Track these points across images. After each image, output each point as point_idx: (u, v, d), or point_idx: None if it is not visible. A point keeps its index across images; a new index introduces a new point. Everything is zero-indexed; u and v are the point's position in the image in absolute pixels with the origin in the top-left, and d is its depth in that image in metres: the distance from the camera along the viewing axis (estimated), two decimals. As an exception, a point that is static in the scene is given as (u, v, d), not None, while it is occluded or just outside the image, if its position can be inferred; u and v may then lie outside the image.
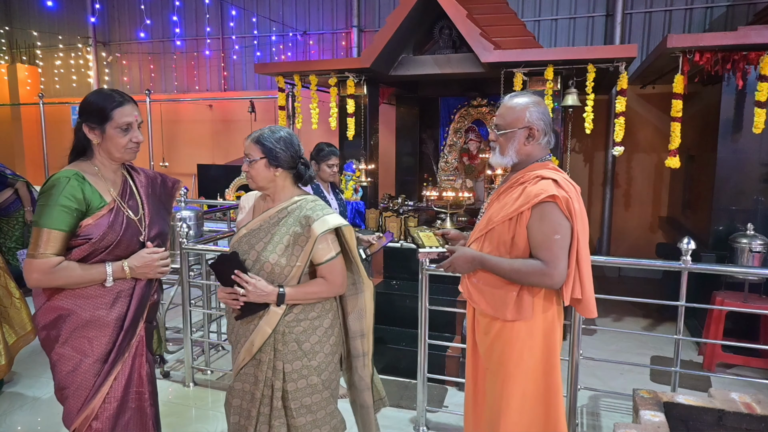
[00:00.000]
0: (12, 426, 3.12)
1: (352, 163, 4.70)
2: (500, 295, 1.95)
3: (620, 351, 4.29)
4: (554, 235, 1.83)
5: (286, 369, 1.94)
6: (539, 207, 1.84)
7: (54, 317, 1.85)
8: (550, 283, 1.86)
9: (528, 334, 1.93)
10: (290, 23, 8.08)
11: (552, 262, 1.83)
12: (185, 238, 3.50)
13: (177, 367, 3.92)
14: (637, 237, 6.81)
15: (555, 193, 1.82)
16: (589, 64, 4.08)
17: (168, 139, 8.52)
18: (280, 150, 1.92)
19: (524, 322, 1.93)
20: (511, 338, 1.95)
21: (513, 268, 1.88)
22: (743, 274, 3.80)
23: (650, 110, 6.54)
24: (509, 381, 1.94)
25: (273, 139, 1.93)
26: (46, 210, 1.76)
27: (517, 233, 1.89)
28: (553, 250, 1.83)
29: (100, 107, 1.87)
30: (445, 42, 4.63)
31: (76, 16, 9.15)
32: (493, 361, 2.02)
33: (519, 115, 1.95)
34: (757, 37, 3.70)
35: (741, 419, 1.98)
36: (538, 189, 1.85)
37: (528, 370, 1.94)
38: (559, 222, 1.83)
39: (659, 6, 6.45)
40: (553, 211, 1.83)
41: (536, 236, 1.85)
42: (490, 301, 1.98)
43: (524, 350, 1.93)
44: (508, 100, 2.01)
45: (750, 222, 4.04)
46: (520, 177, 1.96)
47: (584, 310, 1.96)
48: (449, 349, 3.63)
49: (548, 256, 1.83)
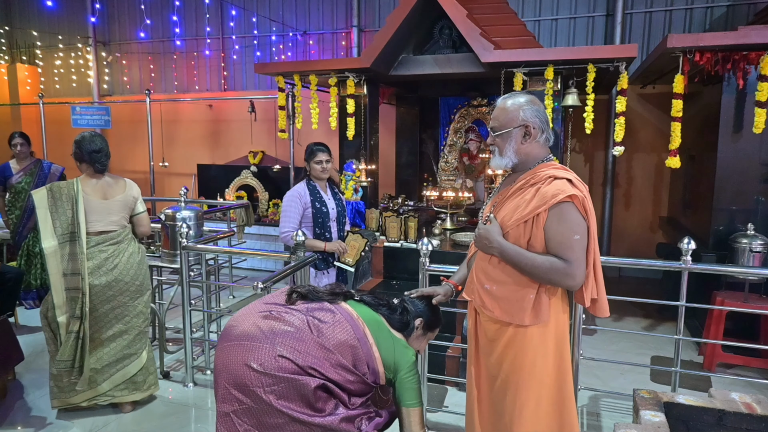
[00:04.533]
0: (12, 426, 3.11)
1: (352, 163, 4.70)
2: (517, 299, 1.90)
3: (620, 351, 4.29)
4: (574, 235, 1.81)
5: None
6: (557, 207, 1.81)
7: None
8: (572, 283, 1.83)
9: (541, 339, 1.90)
10: (290, 23, 8.08)
11: (575, 262, 1.81)
12: (185, 238, 3.50)
13: (177, 367, 3.92)
14: (637, 237, 6.81)
15: (574, 193, 1.81)
16: (589, 64, 4.08)
17: (168, 139, 8.52)
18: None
19: (537, 327, 1.89)
20: (524, 344, 1.91)
21: (534, 263, 1.84)
22: (743, 274, 3.79)
23: (650, 110, 6.54)
24: (522, 389, 1.91)
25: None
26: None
27: (534, 235, 1.86)
28: (575, 250, 1.81)
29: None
30: (445, 42, 4.63)
31: (76, 16, 9.15)
32: (503, 369, 1.96)
33: (513, 114, 1.93)
34: (757, 37, 3.69)
35: (741, 419, 1.98)
36: (554, 189, 1.82)
37: (543, 377, 1.90)
38: (578, 222, 1.82)
39: (659, 6, 6.45)
40: (572, 211, 1.81)
41: (556, 237, 1.82)
42: (506, 307, 1.93)
43: (537, 356, 1.90)
44: (501, 102, 1.99)
45: (750, 222, 4.04)
46: (530, 178, 1.92)
47: (600, 309, 1.94)
48: (449, 349, 3.63)
49: (571, 255, 1.81)
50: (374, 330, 1.90)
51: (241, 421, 1.75)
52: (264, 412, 1.72)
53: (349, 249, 3.42)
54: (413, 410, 1.88)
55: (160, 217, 3.93)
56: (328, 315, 1.86)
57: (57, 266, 2.99)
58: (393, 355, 1.88)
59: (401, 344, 1.94)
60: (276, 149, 7.90)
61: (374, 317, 1.95)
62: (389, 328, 1.96)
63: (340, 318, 1.86)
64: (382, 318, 1.97)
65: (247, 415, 1.75)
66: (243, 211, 5.79)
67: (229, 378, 1.76)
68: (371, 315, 1.95)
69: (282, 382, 1.70)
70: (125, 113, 8.74)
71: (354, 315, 1.90)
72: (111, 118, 7.79)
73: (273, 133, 7.77)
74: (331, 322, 1.84)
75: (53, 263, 2.98)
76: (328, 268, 3.43)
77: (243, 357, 1.74)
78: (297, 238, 3.13)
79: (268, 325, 1.80)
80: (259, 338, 1.75)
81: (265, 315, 1.85)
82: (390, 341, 1.91)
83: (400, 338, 1.97)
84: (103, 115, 7.74)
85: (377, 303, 2.02)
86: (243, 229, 5.89)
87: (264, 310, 1.87)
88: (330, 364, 1.76)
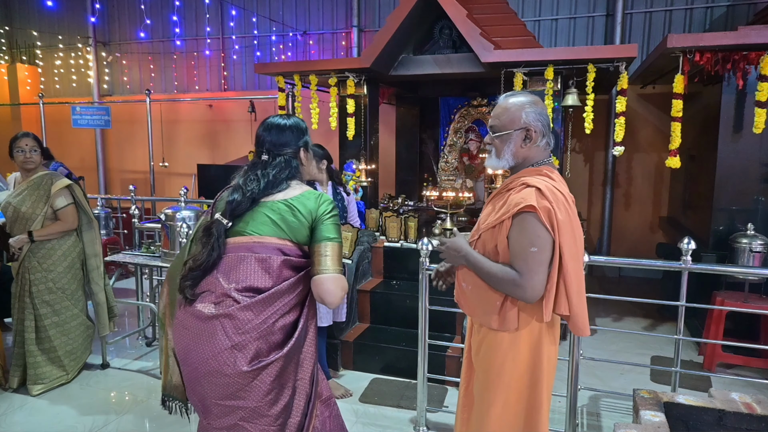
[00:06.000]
0: (12, 426, 3.12)
1: (352, 163, 4.70)
2: (485, 302, 1.90)
3: (620, 351, 4.29)
4: (530, 247, 1.74)
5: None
6: (519, 217, 1.76)
7: None
8: (523, 295, 1.77)
9: (511, 344, 1.87)
10: (290, 23, 8.08)
11: (526, 275, 1.74)
12: (185, 238, 3.50)
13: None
14: (637, 237, 6.81)
15: (533, 204, 1.72)
16: (589, 64, 4.08)
17: (168, 139, 8.52)
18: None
19: (508, 333, 1.87)
20: (494, 345, 1.90)
21: (489, 271, 1.83)
22: (743, 274, 3.80)
23: (650, 110, 6.54)
24: (491, 387, 1.92)
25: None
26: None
27: (500, 242, 1.83)
28: (528, 263, 1.74)
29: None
30: (445, 42, 4.63)
31: (76, 16, 9.15)
32: (479, 364, 2.00)
33: (515, 115, 1.86)
34: (757, 37, 3.69)
35: (741, 419, 1.98)
36: (519, 198, 1.77)
37: (511, 380, 1.88)
38: (537, 234, 1.73)
39: (659, 6, 6.45)
40: (532, 222, 1.74)
41: (514, 246, 1.79)
42: (476, 308, 1.95)
43: (507, 360, 1.88)
44: (503, 100, 1.91)
45: (750, 222, 4.04)
46: (509, 183, 1.90)
47: (574, 327, 1.85)
48: (449, 349, 3.63)
49: (523, 267, 1.75)
50: (280, 221, 1.82)
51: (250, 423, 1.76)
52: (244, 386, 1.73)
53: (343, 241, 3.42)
54: (337, 244, 1.82)
55: (160, 217, 3.93)
56: (239, 272, 1.78)
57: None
58: (309, 210, 1.83)
59: (308, 196, 1.87)
60: (276, 149, 7.89)
61: (269, 211, 1.83)
62: (289, 196, 1.85)
63: (249, 269, 1.78)
64: (273, 200, 1.85)
65: (252, 417, 1.75)
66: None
67: (215, 394, 1.74)
68: (266, 214, 1.83)
69: (253, 370, 1.71)
70: (125, 113, 8.74)
71: (252, 241, 1.81)
72: (111, 118, 7.78)
73: (273, 133, 7.76)
74: (244, 273, 1.77)
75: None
76: None
77: (214, 368, 1.71)
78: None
79: (206, 330, 1.74)
80: (211, 351, 1.72)
81: (190, 326, 1.78)
82: (300, 206, 1.83)
83: (302, 192, 1.88)
84: (103, 115, 7.74)
85: (252, 196, 1.84)
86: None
87: (188, 325, 1.79)
88: (271, 313, 1.75)
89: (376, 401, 3.46)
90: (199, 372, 1.74)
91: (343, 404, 3.44)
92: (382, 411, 3.36)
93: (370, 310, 4.21)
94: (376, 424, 3.20)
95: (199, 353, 1.73)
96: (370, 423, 3.21)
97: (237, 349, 1.71)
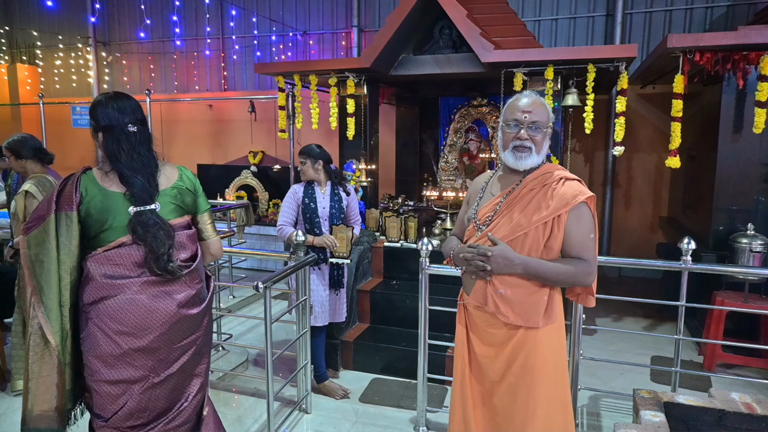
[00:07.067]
0: (12, 426, 3.11)
1: (352, 163, 4.70)
2: (532, 303, 1.91)
3: (620, 351, 4.29)
4: (591, 234, 1.89)
5: None
6: (577, 208, 1.86)
7: None
8: (592, 280, 1.92)
9: (549, 339, 1.94)
10: (290, 23, 8.08)
11: (592, 260, 1.89)
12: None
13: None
14: (637, 237, 6.81)
15: (592, 194, 1.88)
16: (589, 64, 4.08)
17: (168, 139, 8.52)
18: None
19: (547, 327, 1.93)
20: (536, 344, 1.92)
21: (556, 270, 1.86)
22: (743, 274, 3.79)
23: (650, 110, 6.54)
24: (535, 389, 1.91)
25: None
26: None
27: (553, 236, 1.87)
28: (591, 249, 1.89)
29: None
30: (445, 42, 4.63)
31: (76, 16, 9.15)
32: (512, 372, 1.94)
33: (549, 113, 1.97)
34: (757, 37, 3.69)
35: (741, 419, 1.98)
36: (573, 191, 1.87)
37: (553, 374, 1.94)
38: (593, 221, 1.90)
39: (659, 6, 6.45)
40: (587, 211, 1.89)
41: (576, 237, 1.87)
42: (521, 311, 1.91)
43: (548, 356, 1.93)
44: (536, 98, 1.96)
45: (750, 222, 4.04)
46: (539, 179, 1.92)
47: (587, 300, 2.04)
48: (449, 349, 3.63)
49: (589, 254, 1.88)
50: (172, 199, 1.97)
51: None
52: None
53: (338, 241, 3.42)
54: (210, 213, 2.11)
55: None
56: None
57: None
58: (184, 184, 2.03)
59: (170, 172, 2.03)
60: (276, 149, 7.90)
61: (172, 193, 1.98)
62: (159, 179, 1.99)
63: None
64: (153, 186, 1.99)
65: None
66: (243, 211, 5.79)
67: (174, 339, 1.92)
68: (169, 196, 1.98)
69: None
70: (125, 113, 8.73)
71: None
72: (111, 118, 7.77)
73: (273, 133, 7.77)
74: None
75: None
76: (318, 264, 3.44)
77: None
78: (297, 238, 3.19)
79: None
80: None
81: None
82: (177, 188, 2.00)
83: (167, 169, 2.04)
84: (103, 115, 7.73)
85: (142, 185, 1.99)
86: (243, 229, 5.89)
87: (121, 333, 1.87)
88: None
89: (376, 401, 3.46)
90: (162, 329, 1.89)
91: (343, 404, 3.44)
92: (382, 411, 3.36)
93: (370, 310, 4.22)
94: (376, 424, 3.20)
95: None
96: (370, 423, 3.21)
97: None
